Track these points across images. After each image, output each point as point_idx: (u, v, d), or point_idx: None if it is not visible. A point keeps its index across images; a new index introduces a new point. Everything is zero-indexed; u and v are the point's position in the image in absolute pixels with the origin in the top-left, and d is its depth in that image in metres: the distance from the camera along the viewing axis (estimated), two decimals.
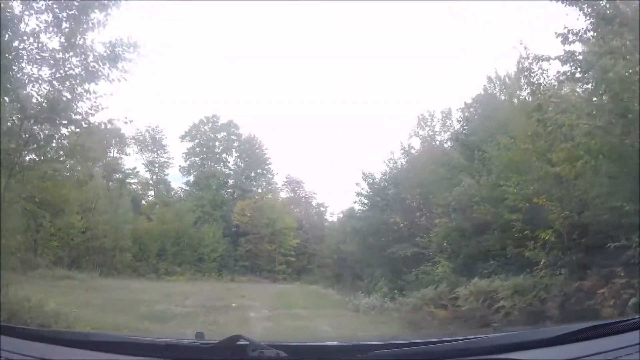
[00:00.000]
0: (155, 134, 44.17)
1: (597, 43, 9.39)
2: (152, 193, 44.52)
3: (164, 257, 33.38)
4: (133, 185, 41.65)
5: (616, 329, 1.83)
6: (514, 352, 1.72)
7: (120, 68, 8.66)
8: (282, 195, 48.02)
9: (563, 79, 9.38)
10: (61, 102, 8.15)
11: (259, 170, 46.89)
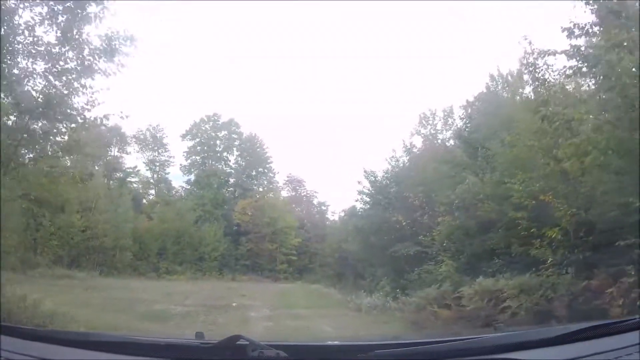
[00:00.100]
0: (156, 133, 44.11)
1: (604, 37, 9.24)
2: (153, 192, 44.46)
3: (164, 256, 33.22)
4: (134, 184, 41.55)
5: (616, 329, 1.83)
6: (514, 352, 1.72)
7: (116, 62, 8.49)
8: (284, 194, 47.95)
9: (570, 73, 9.19)
10: (57, 97, 7.96)
11: (260, 169, 46.73)
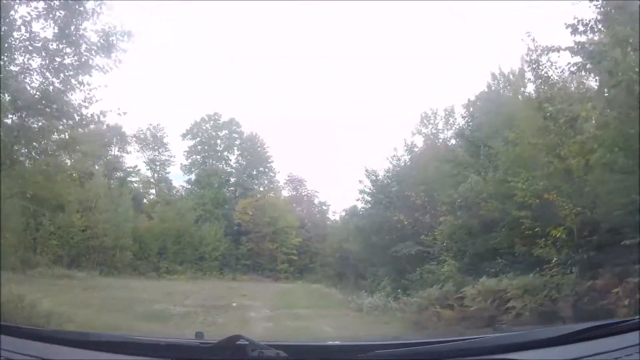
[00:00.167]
0: (156, 132, 44.02)
1: (609, 33, 9.12)
2: (153, 191, 44.37)
3: (164, 256, 33.12)
4: (134, 184, 41.49)
5: (617, 330, 1.82)
6: (515, 352, 1.72)
7: (114, 58, 8.36)
8: (284, 193, 47.83)
9: (574, 69, 9.06)
10: (54, 93, 7.83)
11: (260, 169, 46.61)
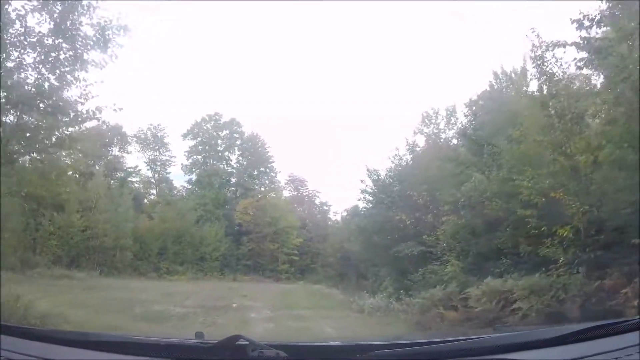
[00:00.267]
0: (157, 132, 43.85)
1: (614, 28, 8.95)
2: (154, 192, 44.24)
3: (165, 256, 32.97)
4: (135, 184, 41.37)
5: (617, 330, 1.82)
6: (515, 353, 1.72)
7: (110, 53, 8.16)
8: (285, 193, 47.67)
9: (581, 65, 8.86)
10: (49, 89, 7.65)
11: (261, 169, 46.43)
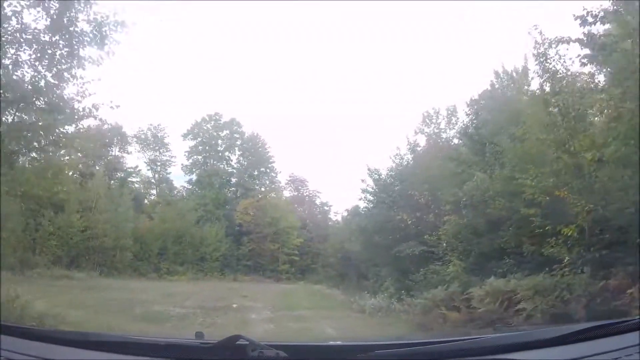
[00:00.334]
0: (157, 132, 43.77)
1: (619, 24, 8.84)
2: (154, 192, 44.15)
3: (165, 257, 32.86)
4: (135, 184, 41.27)
5: (617, 330, 1.82)
6: (515, 353, 1.72)
7: (107, 50, 8.04)
8: (286, 193, 47.59)
9: (585, 61, 8.74)
10: (44, 87, 7.52)
11: (262, 169, 46.32)
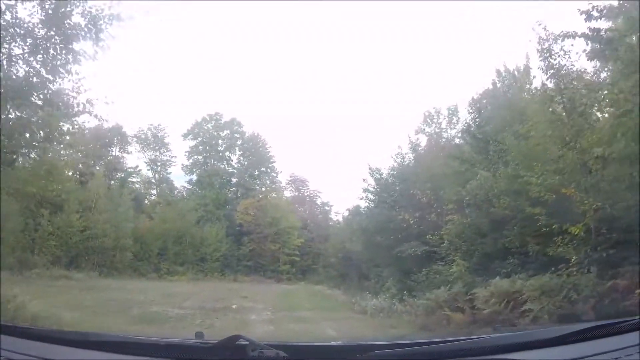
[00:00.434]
0: (157, 132, 43.65)
1: (624, 19, 8.66)
2: (154, 192, 44.00)
3: (165, 257, 32.72)
4: (135, 184, 41.12)
5: (617, 330, 1.81)
6: (515, 353, 1.72)
7: (102, 45, 7.84)
8: (286, 194, 47.42)
9: (592, 55, 8.55)
10: (38, 81, 7.33)
11: (262, 169, 46.15)
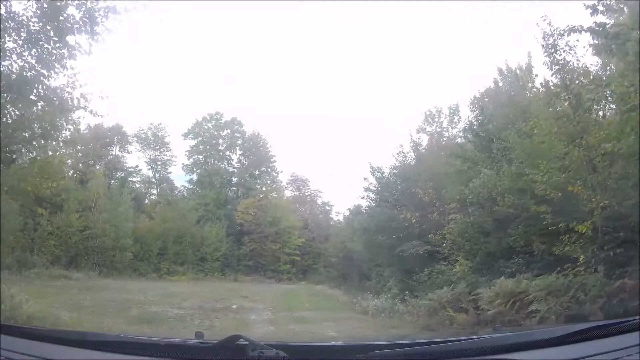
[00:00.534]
0: (157, 132, 43.53)
1: (629, 13, 8.52)
2: (155, 191, 43.90)
3: (165, 257, 32.61)
4: (136, 184, 41.02)
5: (617, 330, 1.80)
6: (514, 353, 1.71)
7: (97, 39, 7.68)
8: (287, 193, 47.32)
9: (598, 50, 8.38)
10: (32, 76, 7.17)
11: (263, 168, 46.04)
